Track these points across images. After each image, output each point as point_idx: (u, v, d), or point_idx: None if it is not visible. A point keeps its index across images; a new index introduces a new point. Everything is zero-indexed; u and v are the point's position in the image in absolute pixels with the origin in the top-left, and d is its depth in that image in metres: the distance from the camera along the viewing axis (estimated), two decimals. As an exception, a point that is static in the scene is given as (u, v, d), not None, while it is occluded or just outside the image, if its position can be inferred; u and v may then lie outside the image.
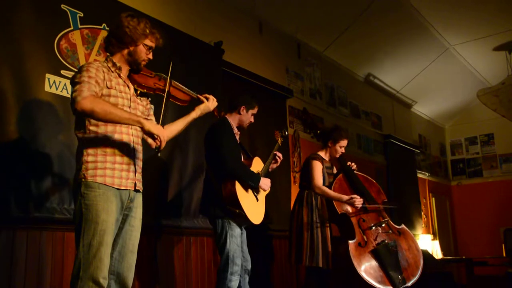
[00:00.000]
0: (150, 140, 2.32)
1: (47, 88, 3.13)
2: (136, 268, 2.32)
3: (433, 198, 9.18)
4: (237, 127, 3.41)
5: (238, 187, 3.16)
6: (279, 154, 3.57)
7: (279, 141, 3.68)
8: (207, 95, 2.62)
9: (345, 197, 3.96)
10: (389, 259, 3.83)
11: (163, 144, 2.21)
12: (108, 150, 2.19)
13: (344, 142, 4.18)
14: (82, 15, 3.40)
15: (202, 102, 2.59)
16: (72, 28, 3.34)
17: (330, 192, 4.00)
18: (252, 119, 3.45)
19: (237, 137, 3.38)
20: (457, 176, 10.05)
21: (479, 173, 9.75)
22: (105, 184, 2.13)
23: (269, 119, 5.12)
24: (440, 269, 6.82)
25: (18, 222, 2.86)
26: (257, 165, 3.43)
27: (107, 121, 2.13)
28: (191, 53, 4.28)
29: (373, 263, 3.82)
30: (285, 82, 5.70)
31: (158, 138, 2.18)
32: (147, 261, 3.61)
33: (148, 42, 2.35)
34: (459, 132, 10.07)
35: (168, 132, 2.39)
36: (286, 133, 3.73)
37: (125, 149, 2.25)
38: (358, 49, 6.69)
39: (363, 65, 7.19)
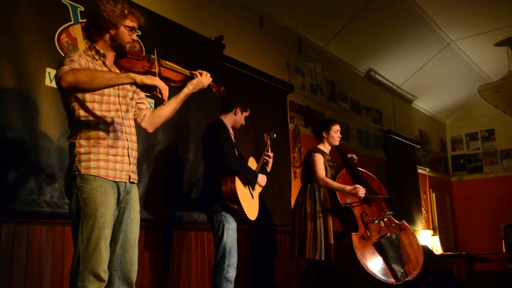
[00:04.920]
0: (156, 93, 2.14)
1: (47, 82, 3.12)
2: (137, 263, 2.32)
3: (434, 194, 9.18)
4: (231, 128, 3.51)
5: (238, 184, 3.25)
6: (270, 154, 3.70)
7: (269, 142, 3.77)
8: (200, 71, 2.42)
9: (348, 187, 3.94)
10: (391, 252, 3.86)
11: (165, 93, 2.06)
12: (102, 142, 2.12)
13: (336, 127, 4.20)
14: (82, 9, 3.39)
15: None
16: (72, 22, 3.33)
17: (334, 183, 4.00)
18: (244, 122, 3.55)
19: (232, 137, 3.46)
20: (458, 171, 10.04)
21: (480, 169, 9.74)
22: (100, 176, 2.08)
23: (270, 114, 5.12)
24: (440, 264, 6.83)
25: (19, 216, 2.86)
26: (251, 164, 3.52)
27: (96, 88, 1.99)
28: (191, 47, 4.27)
29: (376, 255, 3.85)
30: (286, 77, 5.69)
31: (158, 89, 2.04)
32: (148, 256, 3.61)
33: (128, 22, 2.23)
34: (460, 127, 10.06)
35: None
36: (275, 135, 3.82)
37: (118, 140, 2.18)
38: (359, 44, 6.67)
39: (364, 60, 7.18)
